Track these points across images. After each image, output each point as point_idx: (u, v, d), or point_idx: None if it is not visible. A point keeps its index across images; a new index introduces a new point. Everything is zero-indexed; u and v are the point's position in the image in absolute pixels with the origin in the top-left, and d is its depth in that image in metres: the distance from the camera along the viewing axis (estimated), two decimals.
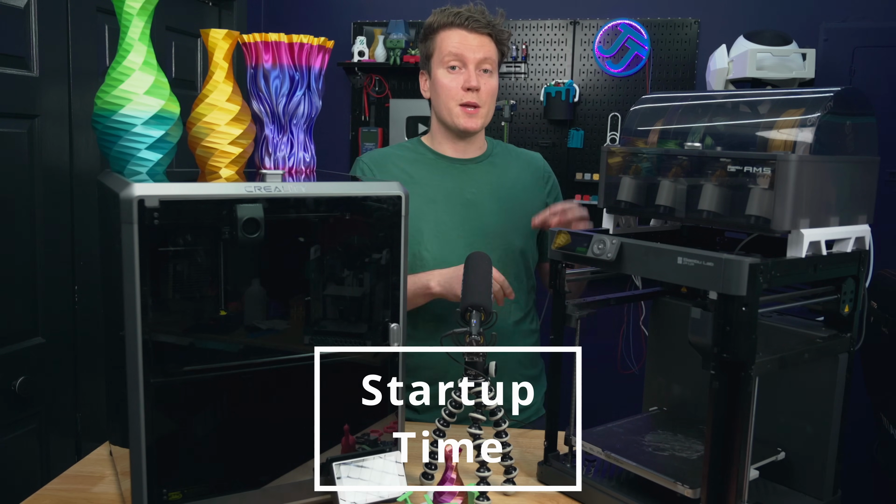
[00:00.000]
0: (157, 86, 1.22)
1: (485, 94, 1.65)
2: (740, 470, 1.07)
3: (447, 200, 1.69)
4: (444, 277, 1.57)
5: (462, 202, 1.69)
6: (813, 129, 1.06)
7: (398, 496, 1.22)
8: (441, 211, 1.67)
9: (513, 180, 1.74)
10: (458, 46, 1.63)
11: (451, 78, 1.64)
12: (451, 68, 1.64)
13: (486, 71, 1.65)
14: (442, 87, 1.65)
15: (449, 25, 1.65)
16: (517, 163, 1.78)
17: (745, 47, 2.78)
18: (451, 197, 1.69)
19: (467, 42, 1.63)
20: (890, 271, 1.99)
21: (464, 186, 1.71)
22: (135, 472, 1.09)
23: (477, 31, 1.63)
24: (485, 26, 1.64)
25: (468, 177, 1.72)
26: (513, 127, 3.32)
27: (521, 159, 1.80)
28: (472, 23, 1.63)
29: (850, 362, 1.19)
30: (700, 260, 1.04)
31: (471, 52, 1.63)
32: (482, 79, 1.64)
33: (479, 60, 1.63)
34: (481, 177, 1.72)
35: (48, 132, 2.06)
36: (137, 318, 1.05)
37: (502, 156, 1.78)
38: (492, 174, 1.73)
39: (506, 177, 1.74)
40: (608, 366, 2.96)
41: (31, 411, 2.04)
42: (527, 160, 1.81)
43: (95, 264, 2.00)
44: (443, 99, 1.66)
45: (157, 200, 1.05)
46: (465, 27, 1.63)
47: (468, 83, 1.63)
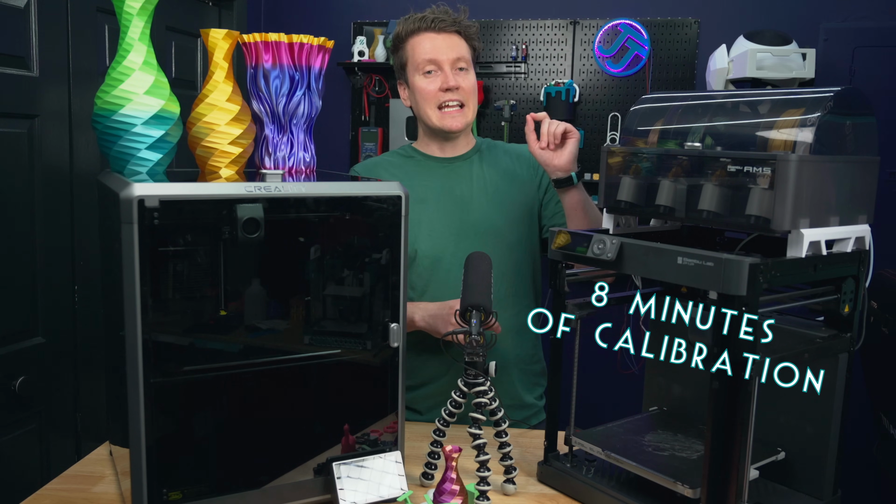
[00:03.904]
0: (157, 86, 1.22)
1: (465, 91, 1.66)
2: (740, 470, 1.07)
3: (437, 199, 1.69)
4: (429, 313, 1.58)
5: (452, 199, 1.70)
6: (813, 129, 1.06)
7: (398, 496, 1.22)
8: (432, 210, 1.68)
9: (503, 174, 1.75)
10: (430, 51, 1.64)
11: (428, 82, 1.65)
12: (427, 73, 1.65)
13: (462, 69, 1.66)
14: (421, 91, 1.66)
15: (416, 31, 1.66)
16: (506, 157, 1.78)
17: (745, 47, 2.78)
18: (440, 195, 1.70)
19: (437, 44, 1.64)
20: (890, 271, 1.99)
21: (453, 184, 1.71)
22: (135, 472, 1.09)
23: (445, 32, 1.65)
24: (451, 25, 1.65)
25: (457, 174, 1.73)
26: (513, 127, 3.31)
27: (510, 153, 1.80)
28: (439, 24, 1.64)
29: (850, 362, 1.19)
30: (700, 260, 1.04)
31: (443, 53, 1.64)
32: (459, 77, 1.65)
33: (452, 60, 1.64)
34: (470, 173, 1.73)
35: (48, 132, 2.06)
36: (137, 318, 1.05)
37: (491, 151, 1.78)
38: (481, 169, 1.74)
39: (496, 171, 1.74)
40: (608, 366, 2.94)
41: (31, 411, 2.04)
42: (517, 153, 1.81)
43: (95, 264, 2.01)
44: (424, 104, 1.67)
45: (157, 200, 1.05)
46: (433, 29, 1.65)
47: (446, 83, 1.64)
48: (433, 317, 1.57)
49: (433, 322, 1.57)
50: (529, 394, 1.77)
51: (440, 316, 1.56)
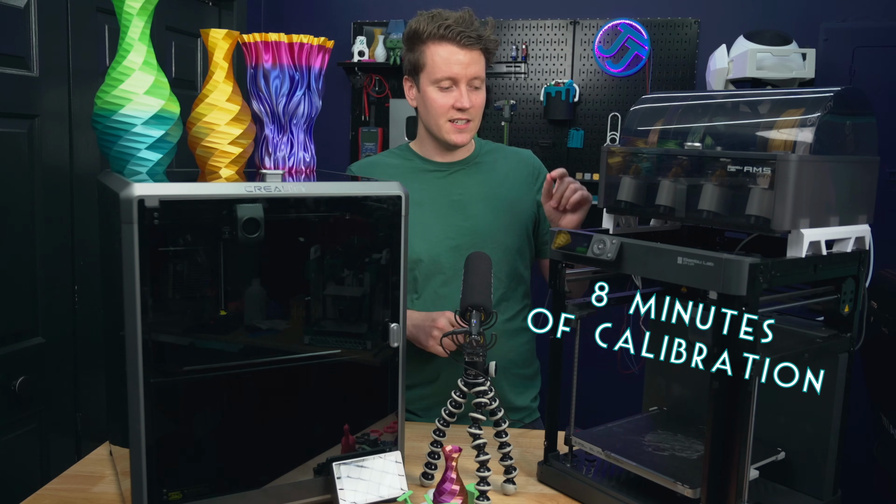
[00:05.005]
0: (157, 86, 1.22)
1: (476, 109, 1.64)
2: (740, 470, 1.07)
3: (433, 203, 1.68)
4: (412, 322, 1.56)
5: (448, 204, 1.69)
6: (813, 129, 1.06)
7: (398, 496, 1.22)
8: (427, 214, 1.66)
9: (500, 179, 1.74)
10: (451, 67, 1.59)
11: (441, 95, 1.62)
12: (443, 88, 1.61)
13: (477, 87, 1.63)
14: (433, 103, 1.63)
15: (440, 39, 1.59)
16: (506, 161, 1.77)
17: (745, 47, 2.78)
18: (436, 199, 1.69)
19: (458, 60, 1.59)
20: (890, 271, 1.99)
21: (450, 189, 1.70)
22: (135, 472, 1.09)
23: (468, 48, 1.59)
24: (476, 41, 1.59)
25: (454, 179, 1.71)
26: (513, 127, 3.31)
27: (510, 158, 1.79)
28: (465, 39, 1.58)
29: (850, 362, 1.19)
30: (700, 260, 1.04)
31: (462, 69, 1.59)
32: (473, 95, 1.62)
33: (470, 77, 1.61)
34: (468, 178, 1.72)
35: (48, 132, 2.06)
36: (137, 318, 1.05)
37: (490, 155, 1.77)
38: (479, 175, 1.73)
39: (493, 176, 1.73)
40: (608, 366, 2.94)
41: (31, 411, 2.04)
42: (517, 158, 1.79)
43: (95, 264, 2.00)
44: (433, 115, 1.64)
45: (157, 200, 1.05)
46: (457, 42, 1.58)
47: (459, 103, 1.60)
48: (416, 327, 1.55)
49: (415, 332, 1.55)
50: (520, 397, 1.75)
51: (422, 328, 1.55)
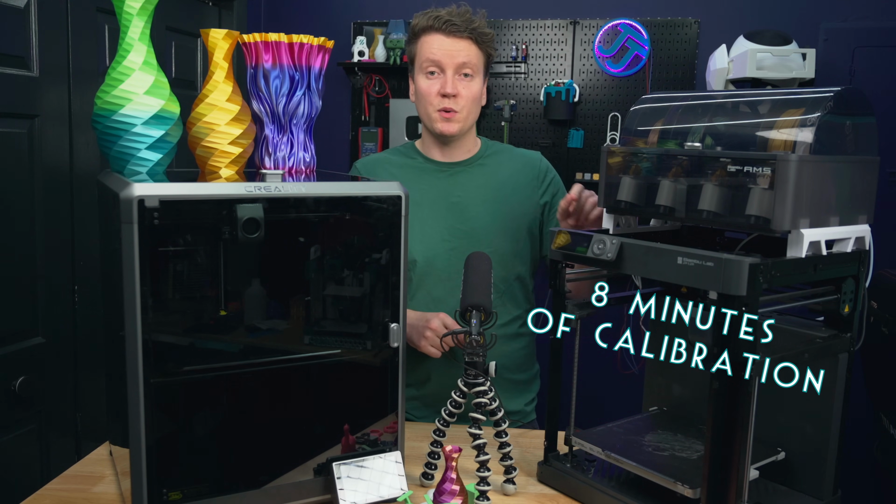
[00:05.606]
0: (157, 86, 1.22)
1: (463, 99, 1.63)
2: (740, 470, 1.07)
3: (432, 204, 1.68)
4: (407, 322, 1.55)
5: (447, 205, 1.69)
6: (813, 129, 1.06)
7: (398, 496, 1.22)
8: (426, 214, 1.66)
9: (503, 182, 1.72)
10: (435, 52, 1.61)
11: (429, 83, 1.63)
12: (429, 74, 1.63)
13: (467, 75, 1.63)
14: (420, 91, 1.65)
15: (429, 30, 1.62)
16: (511, 164, 1.76)
17: (745, 47, 2.78)
18: (436, 200, 1.69)
19: (445, 47, 1.61)
20: (890, 271, 1.99)
21: (450, 190, 1.70)
22: (135, 472, 1.09)
23: (455, 36, 1.60)
24: (464, 30, 1.60)
25: (454, 180, 1.71)
26: (513, 127, 3.32)
27: (516, 160, 1.77)
28: (451, 27, 1.60)
29: (850, 362, 1.19)
30: (700, 260, 1.04)
31: (448, 57, 1.61)
32: (461, 84, 1.62)
33: (457, 66, 1.61)
34: (468, 180, 1.71)
35: (48, 132, 2.06)
36: (137, 318, 1.05)
37: (495, 157, 1.76)
38: (480, 177, 1.72)
39: (495, 178, 1.72)
40: (608, 366, 2.94)
41: (31, 411, 2.04)
42: (523, 161, 1.78)
43: (95, 264, 2.00)
44: (422, 104, 1.66)
45: (157, 200, 1.05)
46: (444, 31, 1.61)
47: (444, 89, 1.61)
48: (410, 327, 1.55)
49: (409, 332, 1.54)
50: (515, 401, 1.74)
51: (416, 328, 1.55)
